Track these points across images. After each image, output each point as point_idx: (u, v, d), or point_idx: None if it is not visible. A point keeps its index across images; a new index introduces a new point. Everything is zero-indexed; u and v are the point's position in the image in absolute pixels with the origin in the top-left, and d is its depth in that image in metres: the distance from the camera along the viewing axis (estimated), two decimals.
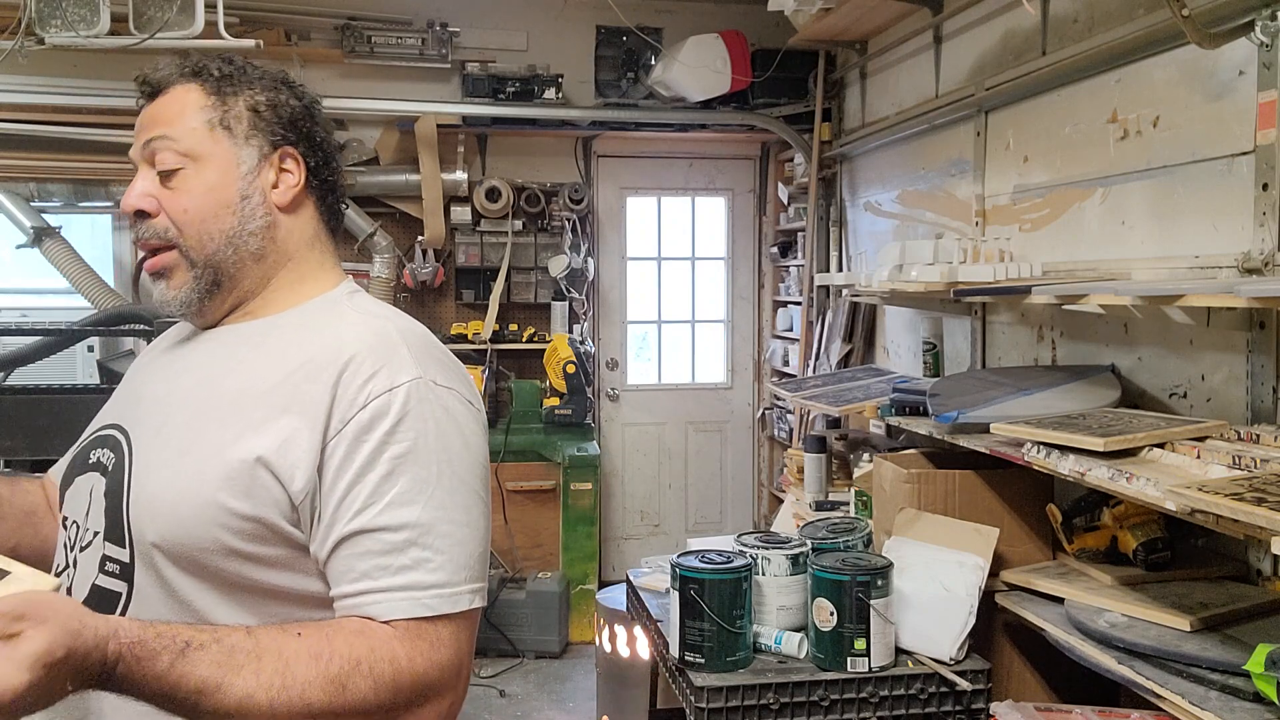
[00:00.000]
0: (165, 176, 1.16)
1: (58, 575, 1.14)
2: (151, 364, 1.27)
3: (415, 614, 1.03)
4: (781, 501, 4.00)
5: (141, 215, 1.17)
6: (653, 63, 4.86)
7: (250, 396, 1.09)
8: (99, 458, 1.16)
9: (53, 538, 1.22)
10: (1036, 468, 2.00)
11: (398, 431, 1.06)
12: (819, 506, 3.18)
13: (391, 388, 1.07)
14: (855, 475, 3.11)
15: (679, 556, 2.18)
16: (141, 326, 3.84)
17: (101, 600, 1.08)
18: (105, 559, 1.09)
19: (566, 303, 5.05)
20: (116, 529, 1.09)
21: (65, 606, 0.89)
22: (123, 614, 1.06)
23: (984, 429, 2.22)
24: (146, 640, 0.92)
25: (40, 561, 1.22)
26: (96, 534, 1.11)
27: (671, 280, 5.52)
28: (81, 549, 1.13)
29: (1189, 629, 1.82)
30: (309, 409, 1.06)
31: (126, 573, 1.08)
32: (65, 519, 1.17)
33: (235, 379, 1.12)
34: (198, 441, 1.08)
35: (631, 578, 2.71)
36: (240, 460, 1.05)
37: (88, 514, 1.13)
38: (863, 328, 4.25)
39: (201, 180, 1.16)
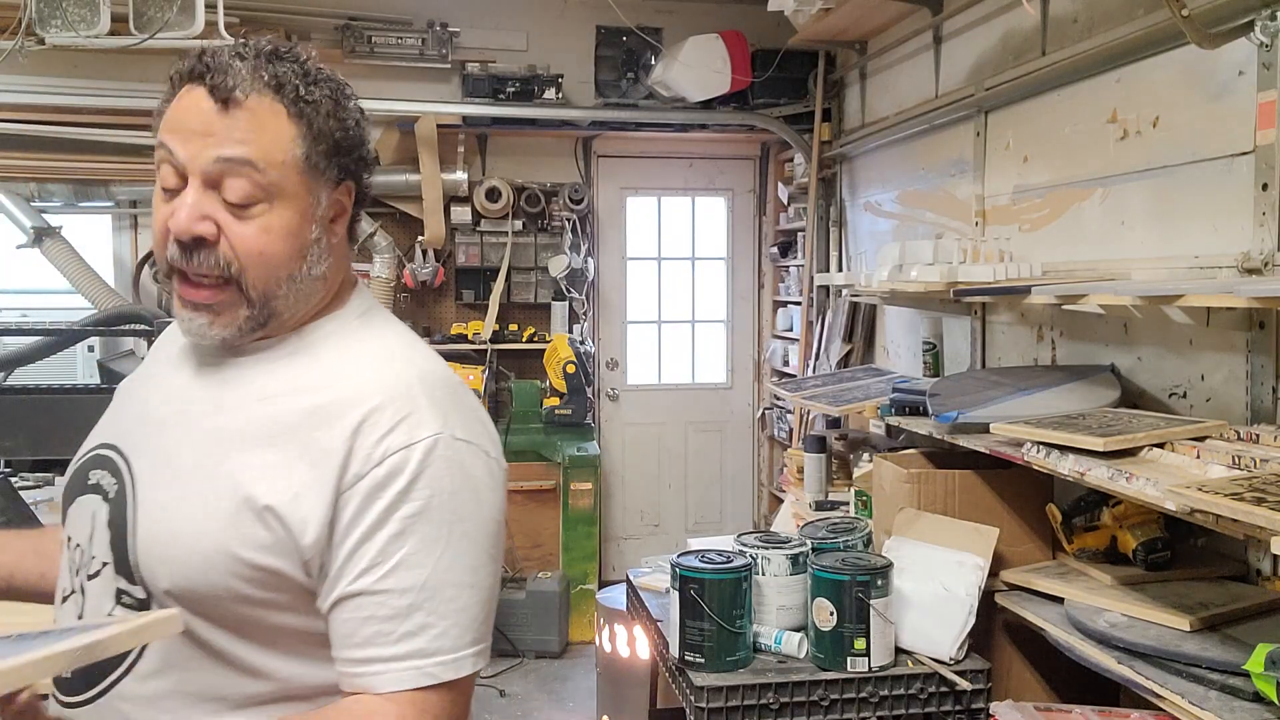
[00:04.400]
0: (238, 206, 1.04)
1: (64, 600, 1.12)
2: (153, 378, 1.19)
3: (419, 684, 1.01)
4: (781, 501, 4.00)
5: (198, 242, 1.04)
6: (653, 63, 4.85)
7: (263, 439, 1.05)
8: (99, 480, 1.12)
9: (51, 573, 1.18)
10: (1036, 468, 2.00)
11: (412, 490, 1.02)
12: (819, 506, 3.18)
13: (410, 444, 1.02)
14: (855, 475, 3.11)
15: (679, 556, 2.18)
16: (141, 326, 3.83)
17: None
18: (121, 592, 1.07)
19: (566, 303, 5.04)
20: (125, 564, 1.06)
21: None
22: (143, 647, 1.05)
23: (984, 429, 2.22)
24: None
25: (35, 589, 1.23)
26: (106, 564, 1.08)
27: (671, 280, 5.52)
28: (90, 577, 1.09)
29: (1189, 629, 1.82)
30: (322, 460, 1.02)
31: (145, 607, 1.06)
32: (69, 539, 1.13)
33: (246, 414, 1.07)
34: (209, 483, 1.04)
35: (631, 578, 2.71)
36: (254, 511, 1.02)
37: (92, 539, 1.10)
38: (863, 328, 4.25)
39: (282, 221, 1.05)
